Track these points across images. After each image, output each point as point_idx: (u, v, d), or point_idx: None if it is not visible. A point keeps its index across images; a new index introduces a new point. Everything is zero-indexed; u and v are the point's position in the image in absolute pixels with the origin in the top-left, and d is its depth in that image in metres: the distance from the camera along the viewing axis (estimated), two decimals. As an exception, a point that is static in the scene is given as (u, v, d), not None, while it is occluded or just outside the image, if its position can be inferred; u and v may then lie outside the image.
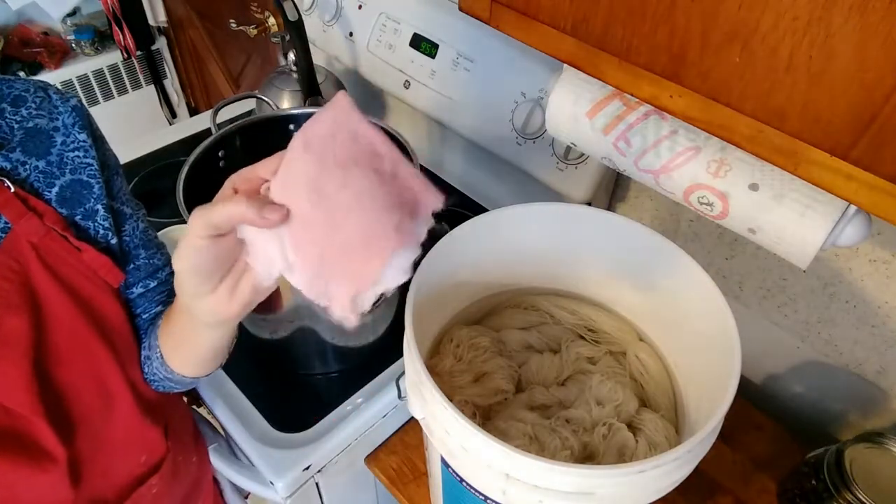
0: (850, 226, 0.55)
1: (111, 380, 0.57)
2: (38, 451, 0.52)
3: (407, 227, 0.41)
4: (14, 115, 0.54)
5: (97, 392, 0.56)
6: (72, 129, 0.56)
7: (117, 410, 0.58)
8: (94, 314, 0.56)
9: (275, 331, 0.80)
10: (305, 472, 0.75)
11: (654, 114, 0.62)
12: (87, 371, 0.55)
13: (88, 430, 0.56)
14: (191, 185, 0.74)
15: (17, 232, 0.51)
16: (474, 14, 0.57)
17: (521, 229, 0.68)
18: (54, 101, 0.57)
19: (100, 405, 0.57)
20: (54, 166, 0.55)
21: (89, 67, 2.02)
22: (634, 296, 0.69)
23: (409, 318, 0.55)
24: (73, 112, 0.57)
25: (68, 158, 0.56)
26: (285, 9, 0.93)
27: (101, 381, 0.57)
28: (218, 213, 0.40)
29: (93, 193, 0.57)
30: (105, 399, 0.57)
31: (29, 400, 0.50)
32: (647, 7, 0.44)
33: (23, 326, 0.50)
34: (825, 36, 0.37)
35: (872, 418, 0.81)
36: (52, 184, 0.55)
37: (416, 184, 0.43)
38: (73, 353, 0.54)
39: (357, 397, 0.82)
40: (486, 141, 0.98)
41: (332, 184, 0.40)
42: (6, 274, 0.51)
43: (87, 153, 0.57)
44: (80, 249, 0.54)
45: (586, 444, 0.61)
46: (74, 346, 0.54)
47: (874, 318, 0.76)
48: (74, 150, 0.56)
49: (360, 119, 0.41)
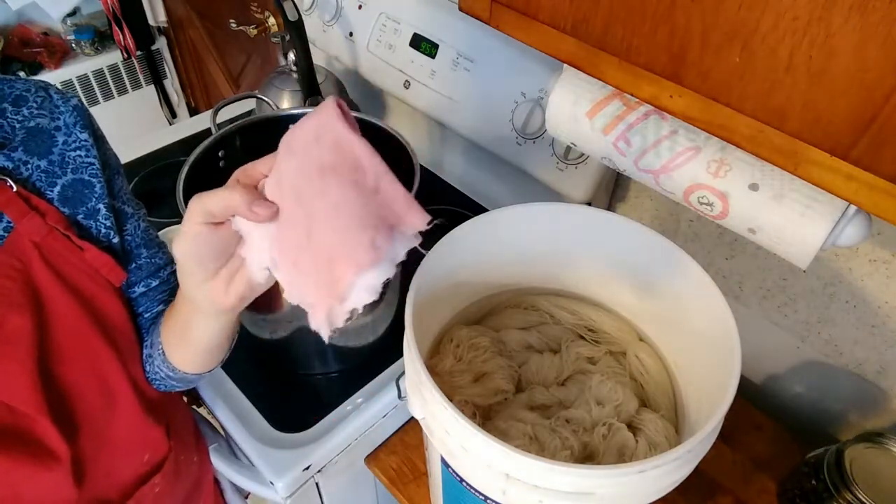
0: (850, 226, 0.55)
1: (113, 378, 0.57)
2: (41, 450, 0.52)
3: (381, 246, 0.40)
4: (16, 115, 0.54)
5: (100, 391, 0.56)
6: (73, 129, 0.57)
7: (120, 409, 0.58)
8: (96, 313, 0.56)
9: (275, 331, 0.80)
10: (305, 472, 0.75)
11: (654, 114, 0.62)
12: (90, 370, 0.55)
13: (92, 428, 0.56)
14: (191, 185, 0.74)
15: (20, 231, 0.52)
16: (474, 14, 0.57)
17: (521, 229, 0.68)
18: (55, 100, 0.57)
19: (102, 404, 0.57)
20: (56, 165, 0.55)
21: (89, 67, 2.02)
22: (634, 296, 0.69)
23: (409, 318, 0.55)
24: (75, 111, 0.57)
25: (70, 158, 0.56)
26: (285, 9, 0.93)
27: (103, 379, 0.57)
28: (213, 201, 0.41)
29: (94, 192, 0.57)
30: (107, 398, 0.57)
31: (33, 398, 0.50)
32: (647, 7, 0.44)
33: (26, 325, 0.50)
34: (825, 36, 0.37)
35: (872, 418, 0.81)
36: (54, 183, 0.55)
37: (400, 201, 0.41)
38: (76, 352, 0.54)
39: (357, 397, 0.82)
40: (486, 141, 0.98)
41: (310, 190, 0.40)
42: (9, 273, 0.51)
43: (89, 152, 0.57)
44: (83, 248, 0.54)
45: (586, 444, 0.61)
46: (77, 345, 0.54)
47: (874, 318, 0.76)
48: (76, 149, 0.57)
49: (344, 128, 0.40)
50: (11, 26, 1.94)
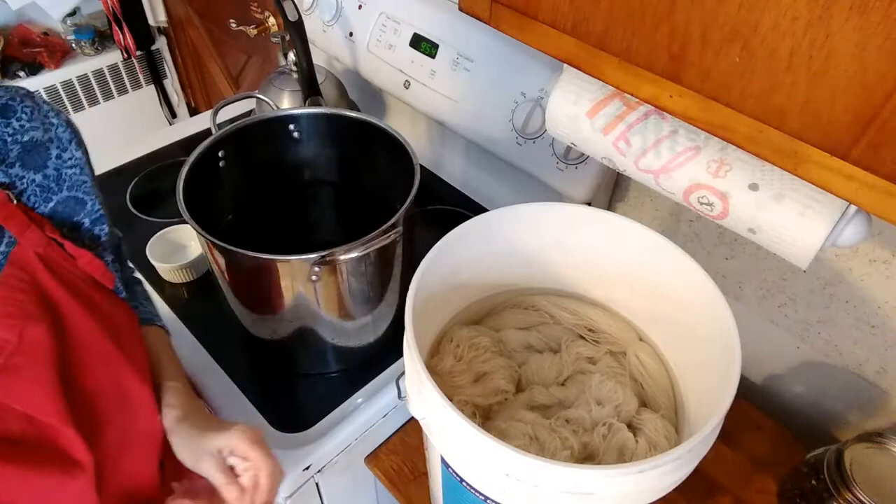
0: (850, 226, 0.55)
1: (128, 383, 0.58)
2: (66, 460, 0.52)
3: None
4: (6, 128, 0.53)
5: (116, 394, 0.57)
6: (69, 146, 0.57)
7: (136, 410, 0.59)
8: (103, 317, 0.56)
9: (275, 331, 0.80)
10: (305, 472, 0.75)
11: (654, 114, 0.62)
12: (106, 374, 0.56)
13: (114, 434, 0.56)
14: (191, 185, 0.74)
15: (24, 244, 0.52)
16: (474, 14, 0.57)
17: (521, 229, 0.68)
18: (45, 110, 0.56)
19: (120, 407, 0.57)
20: (52, 180, 0.55)
21: (89, 67, 2.02)
22: (634, 296, 0.69)
23: (409, 318, 0.55)
24: (69, 127, 0.57)
25: (66, 175, 0.56)
26: (285, 9, 0.93)
27: (119, 384, 0.57)
28: None
29: (85, 209, 0.58)
30: (124, 400, 0.58)
31: (56, 408, 0.50)
32: (646, 7, 0.44)
33: (44, 336, 0.50)
34: (825, 36, 0.37)
35: (872, 418, 0.81)
36: (50, 199, 0.55)
37: None
38: (92, 358, 0.55)
39: (357, 397, 0.82)
40: (486, 141, 0.98)
41: None
42: (21, 286, 0.51)
43: (83, 170, 0.57)
44: (75, 257, 0.55)
45: (586, 444, 0.61)
46: (92, 351, 0.55)
47: (874, 318, 0.76)
48: (72, 166, 0.57)
49: None
50: (11, 26, 1.94)
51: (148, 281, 0.91)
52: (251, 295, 0.77)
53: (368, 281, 0.75)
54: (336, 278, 0.71)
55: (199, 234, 0.68)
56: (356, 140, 0.88)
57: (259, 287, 0.74)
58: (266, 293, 0.74)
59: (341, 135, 0.89)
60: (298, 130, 0.88)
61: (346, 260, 0.67)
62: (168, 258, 0.95)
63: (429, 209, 1.10)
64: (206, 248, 0.73)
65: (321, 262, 0.66)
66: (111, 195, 1.08)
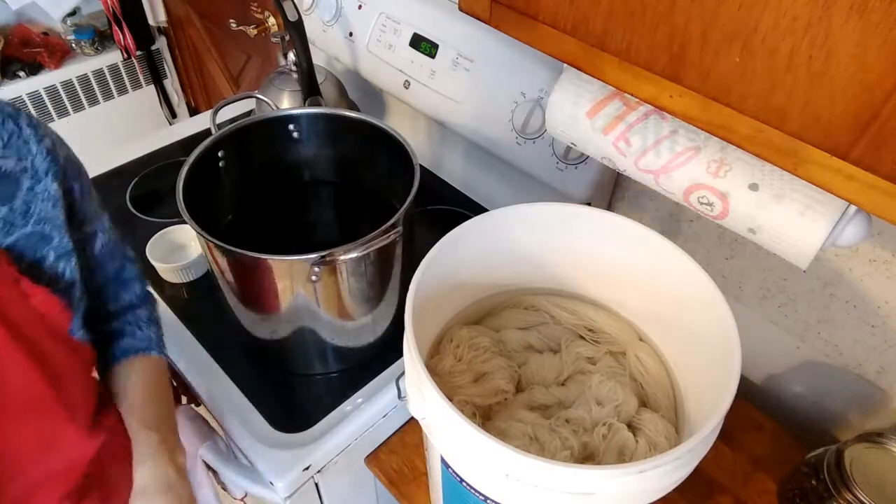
0: (850, 226, 0.55)
1: (61, 426, 0.55)
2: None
3: None
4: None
5: (40, 449, 0.54)
6: (44, 178, 0.52)
7: (60, 458, 0.56)
8: (46, 363, 0.52)
9: (275, 331, 0.80)
10: (305, 473, 0.75)
11: (654, 114, 0.62)
12: (33, 419, 0.52)
13: (22, 481, 0.53)
14: (191, 185, 0.74)
15: None
16: (474, 14, 0.57)
17: (521, 229, 0.68)
18: (25, 135, 0.51)
19: (42, 453, 0.54)
20: (17, 214, 0.51)
21: (89, 67, 2.02)
22: (634, 296, 0.69)
23: (409, 318, 0.55)
24: (49, 156, 0.52)
25: (35, 209, 0.52)
26: (285, 9, 0.93)
27: (45, 427, 0.54)
28: None
29: (51, 244, 0.53)
30: (48, 447, 0.54)
31: None
32: (646, 7, 0.44)
33: None
34: (825, 36, 0.37)
35: (872, 418, 0.81)
36: (11, 232, 0.51)
37: None
38: (20, 409, 0.51)
39: (357, 397, 0.82)
40: (486, 141, 0.98)
41: None
42: None
43: (56, 205, 0.53)
44: (29, 295, 0.51)
45: (586, 444, 0.61)
46: (23, 401, 0.51)
47: (874, 318, 0.76)
48: (44, 200, 0.52)
49: None
50: (11, 26, 1.94)
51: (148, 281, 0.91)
52: (251, 295, 0.77)
53: (368, 281, 0.75)
54: (336, 278, 0.71)
55: (198, 235, 0.68)
56: (356, 140, 0.88)
57: (259, 287, 0.74)
58: (266, 293, 0.74)
59: (341, 135, 0.89)
60: (298, 130, 0.88)
61: (345, 260, 0.68)
62: (168, 258, 0.95)
63: (429, 209, 1.10)
64: (206, 249, 0.73)
65: (321, 262, 0.66)
66: (111, 195, 1.08)
